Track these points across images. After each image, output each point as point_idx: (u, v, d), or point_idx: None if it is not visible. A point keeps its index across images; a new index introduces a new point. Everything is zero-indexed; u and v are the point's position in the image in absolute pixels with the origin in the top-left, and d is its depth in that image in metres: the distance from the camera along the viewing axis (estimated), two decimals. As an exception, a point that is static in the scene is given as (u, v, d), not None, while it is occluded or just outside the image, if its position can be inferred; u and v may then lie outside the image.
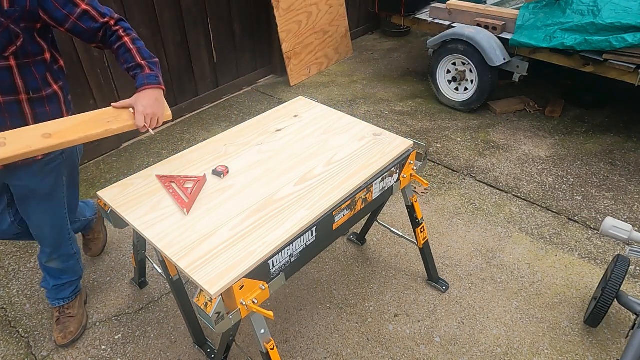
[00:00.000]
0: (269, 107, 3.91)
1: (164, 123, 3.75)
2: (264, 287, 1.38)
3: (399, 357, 2.00)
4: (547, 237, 2.61)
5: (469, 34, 3.55)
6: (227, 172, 1.70)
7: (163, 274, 1.81)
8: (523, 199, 2.90)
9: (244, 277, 1.30)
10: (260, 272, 1.35)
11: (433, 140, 3.53)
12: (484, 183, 3.06)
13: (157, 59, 1.66)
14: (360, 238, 2.58)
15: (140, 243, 2.08)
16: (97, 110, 1.60)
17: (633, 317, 2.12)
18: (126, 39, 1.60)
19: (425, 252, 2.21)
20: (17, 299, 2.30)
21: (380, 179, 1.73)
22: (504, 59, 3.49)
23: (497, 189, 3.00)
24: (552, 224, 2.69)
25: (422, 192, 2.98)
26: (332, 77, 4.62)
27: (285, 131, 1.97)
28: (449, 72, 3.89)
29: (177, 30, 3.60)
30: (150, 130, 1.59)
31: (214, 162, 1.77)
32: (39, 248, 2.14)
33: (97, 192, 1.63)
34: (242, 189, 1.62)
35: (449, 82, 3.92)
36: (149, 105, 1.56)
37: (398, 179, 1.86)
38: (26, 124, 1.56)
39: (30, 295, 2.31)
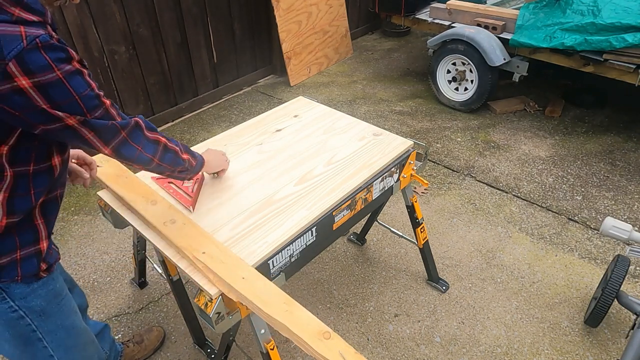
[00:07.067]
0: (269, 107, 3.91)
1: (165, 123, 3.81)
2: (264, 287, 1.37)
3: (399, 357, 1.99)
4: (547, 237, 2.61)
5: (469, 34, 3.55)
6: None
7: (163, 274, 1.80)
8: (523, 199, 2.90)
9: (244, 277, 1.30)
10: (260, 272, 1.35)
11: (433, 140, 3.53)
12: (484, 183, 3.06)
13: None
14: (360, 238, 2.58)
15: (140, 243, 2.08)
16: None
17: (633, 317, 2.12)
18: None
19: (425, 252, 2.21)
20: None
21: (380, 179, 1.73)
22: (504, 59, 3.49)
23: (497, 189, 3.00)
24: (552, 224, 2.69)
25: (422, 192, 2.98)
26: (332, 77, 4.62)
27: (285, 131, 1.97)
28: (449, 72, 3.89)
29: (177, 30, 3.60)
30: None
31: (214, 162, 1.77)
32: None
33: (98, 192, 1.63)
34: (242, 189, 1.62)
35: (449, 82, 3.92)
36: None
37: (398, 179, 1.86)
38: None
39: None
